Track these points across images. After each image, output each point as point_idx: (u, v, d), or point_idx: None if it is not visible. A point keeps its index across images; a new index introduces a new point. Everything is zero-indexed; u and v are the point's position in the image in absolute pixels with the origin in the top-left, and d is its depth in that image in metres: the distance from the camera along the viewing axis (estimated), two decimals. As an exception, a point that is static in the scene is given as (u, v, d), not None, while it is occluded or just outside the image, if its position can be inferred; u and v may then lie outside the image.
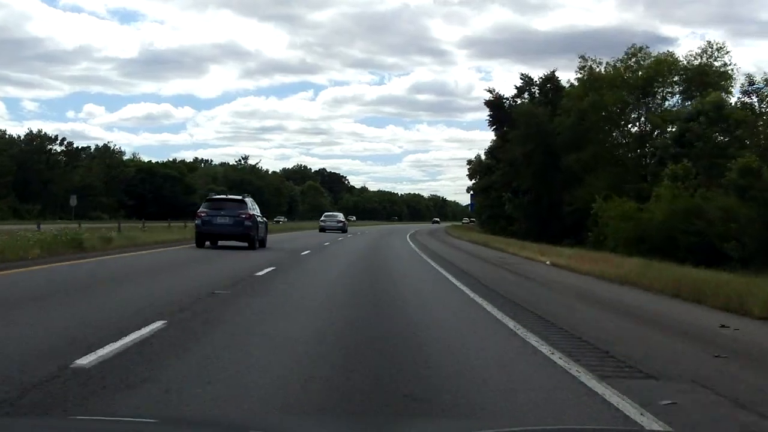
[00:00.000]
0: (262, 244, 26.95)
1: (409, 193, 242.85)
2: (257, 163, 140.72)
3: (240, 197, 26.85)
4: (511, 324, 9.85)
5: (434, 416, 5.16)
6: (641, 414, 5.45)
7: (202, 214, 25.43)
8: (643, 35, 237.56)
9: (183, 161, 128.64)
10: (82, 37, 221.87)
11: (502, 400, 5.72)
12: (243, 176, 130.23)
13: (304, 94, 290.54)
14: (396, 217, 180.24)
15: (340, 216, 62.23)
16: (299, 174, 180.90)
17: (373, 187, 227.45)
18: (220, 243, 26.08)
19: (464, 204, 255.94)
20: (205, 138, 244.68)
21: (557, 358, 7.49)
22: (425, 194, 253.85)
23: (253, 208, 26.59)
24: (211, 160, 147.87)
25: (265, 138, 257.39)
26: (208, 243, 26.04)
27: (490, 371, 6.77)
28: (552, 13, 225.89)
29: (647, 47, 49.28)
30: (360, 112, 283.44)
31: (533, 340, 8.58)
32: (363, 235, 51.15)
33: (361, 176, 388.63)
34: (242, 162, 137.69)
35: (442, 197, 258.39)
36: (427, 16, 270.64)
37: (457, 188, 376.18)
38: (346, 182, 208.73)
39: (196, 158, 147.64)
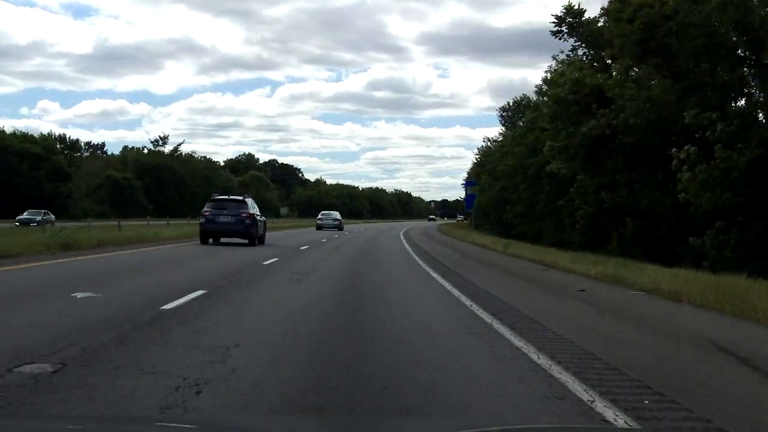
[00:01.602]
0: (261, 241, 28.93)
1: (371, 188, 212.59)
2: (179, 145, 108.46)
3: (241, 198, 29.20)
4: None
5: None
6: None
7: (207, 213, 27.51)
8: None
9: (59, 135, 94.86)
10: (36, 32, 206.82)
11: None
12: (160, 161, 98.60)
13: (261, 91, 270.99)
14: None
15: (336, 214, 65.24)
16: (244, 164, 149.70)
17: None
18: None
19: (427, 200, 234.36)
20: (162, 135, 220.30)
21: None
22: (388, 189, 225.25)
23: (254, 207, 28.80)
24: (143, 147, 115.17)
25: (222, 135, 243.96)
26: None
27: None
28: (509, 9, 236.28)
29: None
30: (317, 109, 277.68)
31: None
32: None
33: (318, 173, 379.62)
34: (158, 143, 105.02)
35: (408, 192, 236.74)
36: (384, 12, 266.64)
37: (415, 186, 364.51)
38: (300, 175, 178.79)
39: (125, 146, 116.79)
